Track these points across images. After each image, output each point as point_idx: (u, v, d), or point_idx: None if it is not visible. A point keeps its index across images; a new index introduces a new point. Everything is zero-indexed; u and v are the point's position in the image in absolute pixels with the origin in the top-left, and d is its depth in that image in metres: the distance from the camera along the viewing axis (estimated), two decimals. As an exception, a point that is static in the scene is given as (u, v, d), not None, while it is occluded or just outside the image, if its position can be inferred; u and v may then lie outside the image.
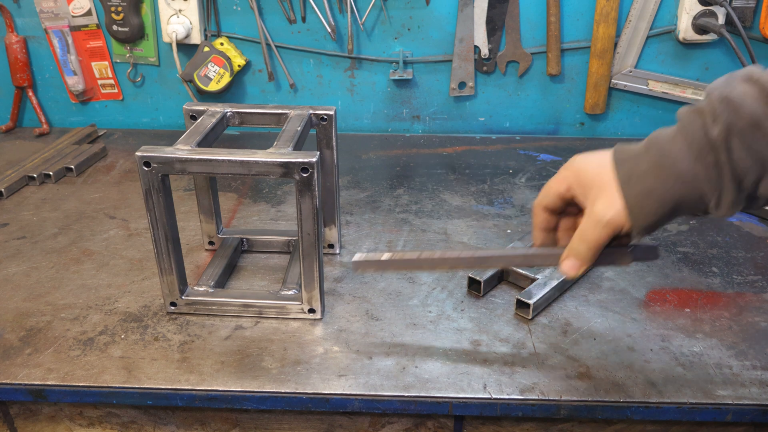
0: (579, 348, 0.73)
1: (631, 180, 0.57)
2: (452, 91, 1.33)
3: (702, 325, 0.77)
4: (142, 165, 0.70)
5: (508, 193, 1.11)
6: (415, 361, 0.72)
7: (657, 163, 0.57)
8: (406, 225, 1.00)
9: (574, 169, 0.63)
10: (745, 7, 1.22)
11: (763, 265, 0.89)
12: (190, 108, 0.83)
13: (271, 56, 1.32)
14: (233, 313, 0.79)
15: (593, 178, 0.60)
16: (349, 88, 1.36)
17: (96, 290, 0.84)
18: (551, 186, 0.65)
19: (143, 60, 1.35)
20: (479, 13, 1.26)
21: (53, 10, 1.31)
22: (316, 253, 0.73)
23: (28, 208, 1.06)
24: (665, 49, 1.28)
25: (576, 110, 1.36)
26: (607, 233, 0.59)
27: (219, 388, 0.68)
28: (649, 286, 0.84)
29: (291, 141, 0.74)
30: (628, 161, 0.58)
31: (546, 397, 0.67)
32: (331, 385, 0.69)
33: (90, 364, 0.71)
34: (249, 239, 0.93)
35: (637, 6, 1.23)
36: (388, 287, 0.84)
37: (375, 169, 1.21)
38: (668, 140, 0.57)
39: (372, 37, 1.30)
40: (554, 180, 0.65)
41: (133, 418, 0.75)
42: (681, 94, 1.29)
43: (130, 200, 1.08)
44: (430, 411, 0.68)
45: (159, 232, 0.73)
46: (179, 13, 1.26)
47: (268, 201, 1.08)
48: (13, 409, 0.76)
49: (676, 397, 0.67)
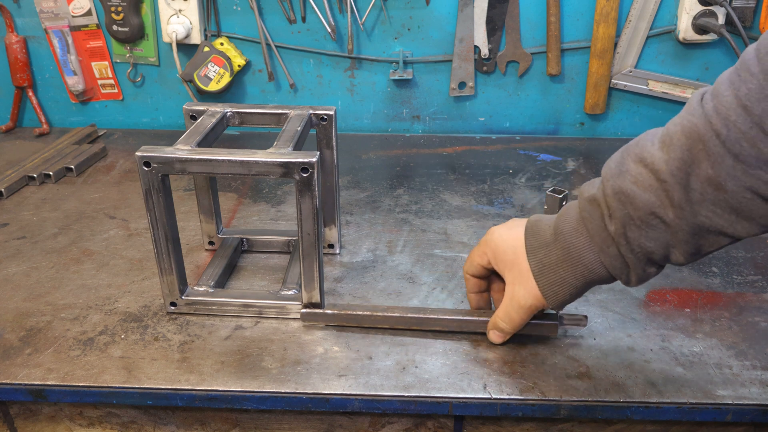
0: (579, 348, 0.73)
1: (543, 271, 0.64)
2: (452, 91, 1.33)
3: (702, 325, 0.77)
4: (142, 165, 0.70)
5: (508, 193, 1.11)
6: (415, 361, 0.72)
7: (565, 254, 0.62)
8: (406, 225, 1.00)
9: (492, 247, 0.69)
10: (745, 7, 1.22)
11: (763, 265, 0.89)
12: (190, 108, 0.83)
13: (271, 56, 1.32)
14: (233, 313, 0.79)
15: (510, 261, 0.67)
16: (349, 88, 1.36)
17: (96, 290, 0.84)
18: (474, 258, 0.72)
19: (143, 60, 1.35)
20: (479, 13, 1.26)
21: (53, 10, 1.31)
22: (316, 253, 0.73)
23: (28, 208, 1.06)
24: (665, 49, 1.28)
25: (576, 110, 1.36)
26: (528, 314, 0.68)
27: (219, 388, 0.68)
28: (649, 286, 0.84)
29: (291, 141, 0.74)
30: (539, 251, 0.64)
31: (546, 397, 0.67)
32: (331, 385, 0.69)
33: (90, 364, 0.71)
34: (249, 239, 0.93)
35: (637, 6, 1.24)
36: (388, 287, 0.84)
37: (375, 169, 1.21)
38: (573, 232, 0.62)
39: (372, 37, 1.30)
40: (476, 253, 0.72)
41: (133, 418, 0.75)
42: (681, 94, 1.29)
43: (130, 200, 1.08)
44: (430, 411, 0.68)
45: (159, 232, 0.73)
46: (179, 13, 1.26)
47: (268, 201, 1.08)
48: (13, 409, 0.76)
49: (676, 397, 0.67)
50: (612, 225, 0.59)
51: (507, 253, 0.67)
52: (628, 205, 0.57)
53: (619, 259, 0.60)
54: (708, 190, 0.53)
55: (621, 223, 0.58)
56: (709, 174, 0.53)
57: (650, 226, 0.57)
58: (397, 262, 0.90)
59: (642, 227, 0.57)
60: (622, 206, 0.57)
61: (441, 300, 0.82)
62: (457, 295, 0.83)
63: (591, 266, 0.62)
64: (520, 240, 0.66)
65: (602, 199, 0.59)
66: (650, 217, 0.56)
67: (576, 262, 0.62)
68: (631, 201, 0.57)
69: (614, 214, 0.58)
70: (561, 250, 0.63)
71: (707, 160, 0.52)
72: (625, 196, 0.57)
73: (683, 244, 0.57)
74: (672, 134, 0.55)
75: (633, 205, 0.57)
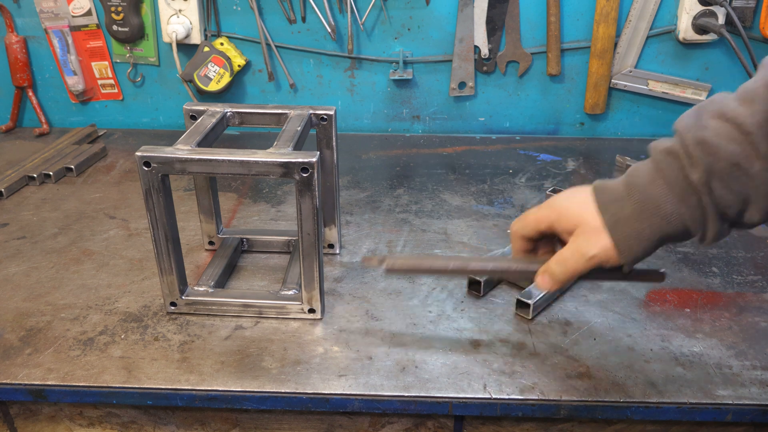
0: (579, 348, 0.73)
1: (618, 224, 0.60)
2: (452, 91, 1.33)
3: (702, 325, 0.77)
4: (142, 165, 0.70)
5: (508, 193, 1.11)
6: (415, 361, 0.72)
7: (641, 207, 0.59)
8: (406, 225, 1.00)
9: (557, 209, 0.65)
10: (745, 7, 1.22)
11: (763, 265, 0.89)
12: (190, 108, 0.83)
13: (271, 56, 1.32)
14: (233, 313, 0.79)
15: (577, 219, 0.62)
16: (349, 88, 1.36)
17: (96, 290, 0.84)
18: (530, 221, 0.67)
19: (143, 60, 1.35)
20: (479, 13, 1.26)
21: (53, 10, 1.31)
22: (316, 253, 0.73)
23: (28, 208, 1.06)
24: (665, 49, 1.28)
25: (576, 110, 1.36)
26: (588, 266, 0.62)
27: (219, 388, 0.68)
28: (649, 285, 0.84)
29: (291, 141, 0.74)
30: (612, 205, 0.60)
31: (546, 397, 0.67)
32: (331, 385, 0.69)
33: (90, 364, 0.71)
34: (249, 239, 0.93)
35: (637, 6, 1.23)
36: (388, 287, 0.84)
37: (375, 169, 1.21)
38: (649, 183, 0.59)
39: (372, 37, 1.30)
40: (534, 216, 0.67)
41: (133, 418, 0.75)
42: (681, 94, 1.29)
43: (130, 200, 1.08)
44: (430, 411, 0.68)
45: (159, 232, 0.73)
46: (179, 13, 1.26)
47: (268, 201, 1.08)
48: (13, 409, 0.76)
49: (676, 397, 0.67)
50: (695, 174, 0.56)
51: (573, 213, 0.63)
52: (712, 156, 0.55)
53: (699, 210, 0.57)
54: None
55: (705, 171, 0.55)
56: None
57: (733, 177, 0.55)
58: (397, 262, 0.90)
59: (725, 178, 0.55)
60: (705, 156, 0.55)
61: (441, 300, 0.82)
62: (457, 295, 0.83)
63: (669, 218, 0.58)
64: (588, 200, 0.63)
65: (681, 150, 0.57)
66: (734, 168, 0.54)
67: (653, 214, 0.58)
68: (714, 151, 0.55)
69: (697, 163, 0.56)
70: (636, 203, 0.59)
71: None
72: (708, 147, 0.55)
73: (763, 198, 0.55)
74: (754, 90, 0.54)
75: (716, 156, 0.55)
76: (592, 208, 0.62)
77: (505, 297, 0.82)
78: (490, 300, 0.82)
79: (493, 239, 0.96)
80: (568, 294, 0.83)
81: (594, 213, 0.61)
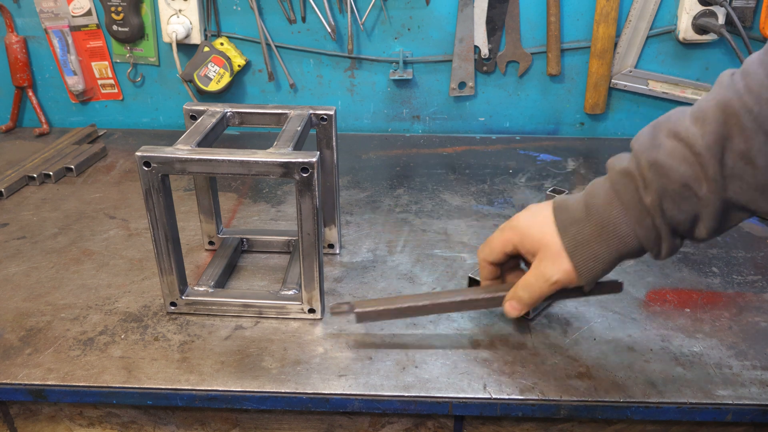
0: (579, 348, 0.73)
1: (578, 247, 0.63)
2: (452, 91, 1.33)
3: (702, 325, 0.77)
4: (142, 165, 0.70)
5: (508, 193, 1.11)
6: (415, 361, 0.72)
7: (600, 229, 0.62)
8: (406, 225, 1.00)
9: (519, 231, 0.68)
10: (745, 7, 1.22)
11: (763, 265, 0.89)
12: (190, 108, 0.83)
13: (271, 56, 1.32)
14: (233, 313, 0.79)
15: (539, 241, 0.65)
16: (349, 88, 1.36)
17: (96, 290, 0.84)
18: (495, 246, 0.70)
19: (143, 60, 1.35)
20: (479, 13, 1.26)
21: (53, 10, 1.31)
22: (316, 253, 0.73)
23: (28, 208, 1.06)
24: (665, 49, 1.28)
25: (576, 110, 1.36)
26: (552, 290, 0.66)
27: (219, 388, 0.68)
28: (649, 286, 0.84)
29: (291, 141, 0.74)
30: (571, 227, 0.63)
31: (546, 397, 0.67)
32: (331, 385, 0.69)
33: (90, 364, 0.71)
34: (249, 239, 0.93)
35: (637, 6, 1.24)
36: (388, 287, 0.84)
37: (375, 169, 1.21)
38: (606, 205, 0.61)
39: (372, 37, 1.30)
40: (498, 239, 0.70)
41: (133, 418, 0.75)
42: (681, 94, 1.29)
43: (130, 200, 1.08)
44: (430, 411, 0.68)
45: (159, 232, 0.73)
46: (179, 13, 1.26)
47: (268, 201, 1.08)
48: (13, 409, 0.76)
49: (676, 397, 0.67)
50: (648, 196, 0.59)
51: (535, 235, 0.66)
52: (664, 177, 0.58)
53: (653, 231, 0.60)
54: (739, 165, 0.55)
55: (657, 194, 0.58)
56: (741, 148, 0.54)
57: (683, 198, 0.57)
58: (397, 262, 0.90)
59: (676, 199, 0.58)
60: (658, 178, 0.58)
61: (441, 300, 0.82)
62: (457, 295, 0.83)
63: (625, 239, 0.61)
64: (548, 220, 0.66)
65: (636, 172, 0.59)
66: (684, 189, 0.57)
67: (610, 236, 0.62)
68: (667, 173, 0.57)
69: (650, 186, 0.58)
70: (595, 225, 0.62)
71: (740, 135, 0.54)
72: (661, 168, 0.58)
73: (710, 218, 0.58)
74: (706, 110, 0.56)
75: (668, 177, 0.57)
76: (553, 230, 0.65)
77: (505, 297, 0.82)
78: (490, 300, 0.82)
79: (493, 239, 0.96)
80: (568, 294, 0.83)
81: (554, 235, 0.64)
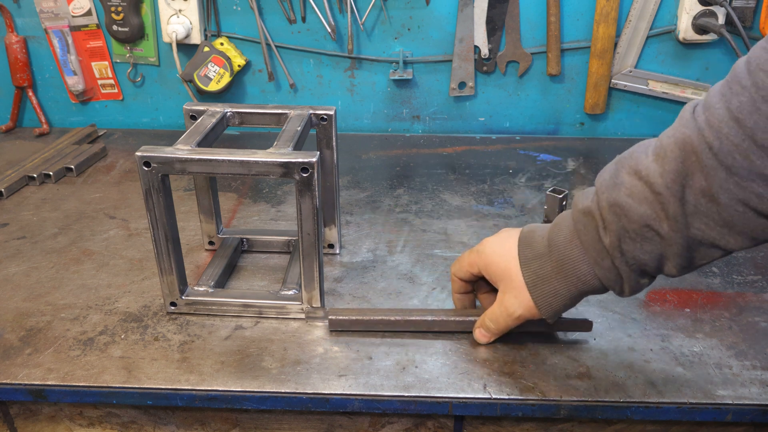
0: (579, 348, 0.73)
1: (538, 283, 0.64)
2: (452, 91, 1.33)
3: (702, 325, 0.77)
4: (142, 165, 0.70)
5: (508, 193, 1.11)
6: (415, 361, 0.72)
7: (560, 266, 0.63)
8: (406, 225, 1.00)
9: (484, 260, 0.70)
10: (745, 7, 1.22)
11: (763, 265, 0.89)
12: (190, 108, 0.83)
13: (271, 56, 1.32)
14: (233, 313, 0.79)
15: (503, 273, 0.67)
16: (349, 88, 1.36)
17: (96, 290, 0.84)
18: (463, 265, 0.73)
19: (143, 60, 1.35)
20: (479, 13, 1.26)
21: (53, 10, 1.31)
22: (316, 253, 0.73)
23: (28, 208, 1.06)
24: (665, 49, 1.28)
25: (576, 110, 1.36)
26: (516, 323, 0.69)
27: (219, 388, 0.68)
28: (649, 287, 0.84)
29: (291, 141, 0.74)
30: (533, 262, 0.65)
31: (546, 397, 0.67)
32: (331, 385, 0.69)
33: (90, 364, 0.71)
34: (249, 239, 0.93)
35: (637, 6, 1.23)
36: (388, 287, 0.84)
37: (375, 169, 1.21)
38: (567, 243, 0.62)
39: (372, 37, 1.30)
40: (466, 260, 0.72)
41: (133, 418, 0.75)
42: (681, 94, 1.29)
43: (130, 200, 1.08)
44: (430, 411, 0.68)
45: (159, 232, 0.73)
46: (179, 13, 1.26)
47: (268, 201, 1.08)
48: (13, 409, 0.76)
49: (676, 397, 0.67)
50: (607, 237, 0.59)
51: (500, 265, 0.68)
52: (623, 218, 0.57)
53: (613, 271, 0.60)
54: (702, 202, 0.54)
55: (616, 235, 0.58)
56: (702, 186, 0.53)
57: (645, 238, 0.57)
58: (397, 262, 0.90)
59: (636, 240, 0.57)
60: (617, 219, 0.58)
61: (441, 300, 0.82)
62: (457, 295, 0.83)
63: (585, 278, 0.62)
64: (513, 252, 0.67)
65: (597, 212, 0.59)
66: (645, 229, 0.57)
67: (570, 274, 0.62)
68: (626, 213, 0.57)
69: (609, 227, 0.58)
70: (555, 262, 0.63)
71: (701, 172, 0.53)
72: (620, 209, 0.57)
73: (676, 256, 0.57)
74: (666, 146, 0.55)
75: (628, 218, 0.57)
76: (516, 264, 0.66)
77: (505, 297, 0.82)
78: (490, 300, 0.82)
79: (493, 239, 0.96)
80: (568, 294, 0.83)
81: (518, 269, 0.66)
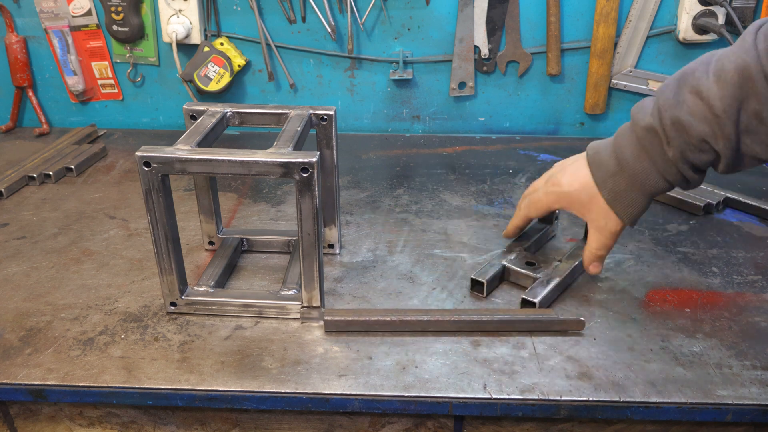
0: (579, 348, 0.73)
1: (617, 198, 0.74)
2: (452, 91, 1.33)
3: (702, 325, 0.77)
4: (142, 165, 0.70)
5: (508, 193, 1.11)
6: (415, 361, 0.72)
7: (632, 180, 0.72)
8: (406, 225, 1.00)
9: (567, 197, 0.78)
10: (745, 7, 1.22)
11: (763, 265, 0.89)
12: (190, 108, 0.83)
13: (271, 56, 1.32)
14: (233, 313, 0.79)
15: (587, 201, 0.76)
16: (349, 88, 1.36)
17: (96, 290, 0.84)
18: (542, 206, 0.82)
19: (143, 60, 1.35)
20: (479, 13, 1.26)
21: (53, 10, 1.31)
22: (316, 253, 0.73)
23: (28, 208, 1.06)
24: (665, 49, 1.28)
25: (576, 110, 1.36)
26: (616, 238, 0.78)
27: (219, 388, 0.68)
28: (649, 286, 0.84)
29: (291, 141, 0.74)
30: (609, 181, 0.74)
31: (546, 397, 0.67)
32: (331, 385, 0.69)
33: (90, 364, 0.71)
34: (249, 239, 0.93)
35: (637, 6, 1.23)
36: (388, 287, 0.84)
37: (375, 169, 1.21)
38: (635, 158, 0.71)
39: (372, 37, 1.30)
40: (545, 202, 0.82)
41: (133, 418, 0.75)
42: (681, 94, 1.29)
43: (130, 200, 1.08)
44: (430, 411, 0.68)
45: (159, 232, 0.73)
46: (179, 13, 1.26)
47: (268, 201, 1.08)
48: (13, 409, 0.76)
49: (676, 397, 0.67)
50: (671, 151, 0.68)
51: (582, 197, 0.76)
52: (684, 134, 0.66)
53: (679, 176, 0.70)
54: (753, 123, 0.63)
55: (679, 149, 0.67)
56: (756, 109, 0.62)
57: (702, 150, 0.66)
58: (397, 262, 0.90)
59: (695, 151, 0.67)
60: (679, 135, 0.66)
61: (441, 300, 0.82)
62: (457, 296, 0.83)
63: (656, 185, 0.71)
64: (587, 178, 0.75)
65: (660, 129, 0.68)
66: (703, 144, 0.66)
67: (643, 185, 0.72)
68: (687, 130, 0.66)
69: (672, 143, 0.67)
70: (628, 177, 0.72)
71: (755, 97, 0.62)
72: (682, 126, 0.66)
73: (725, 164, 0.67)
74: (726, 70, 0.63)
75: (688, 134, 0.66)
76: (594, 190, 0.75)
77: (505, 297, 0.82)
78: (490, 300, 0.82)
79: (492, 239, 0.96)
80: (568, 294, 0.83)
81: (597, 193, 0.75)
